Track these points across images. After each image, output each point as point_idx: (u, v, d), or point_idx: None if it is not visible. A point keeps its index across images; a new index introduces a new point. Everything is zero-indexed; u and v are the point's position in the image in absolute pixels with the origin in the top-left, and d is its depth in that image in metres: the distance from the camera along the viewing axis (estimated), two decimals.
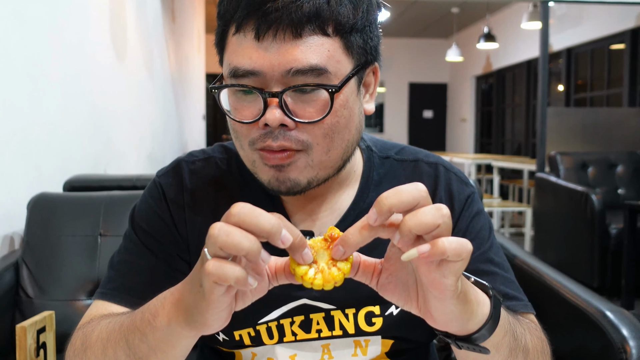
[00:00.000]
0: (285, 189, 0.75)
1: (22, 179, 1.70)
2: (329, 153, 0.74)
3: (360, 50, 0.74)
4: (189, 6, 6.00)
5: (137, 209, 0.91)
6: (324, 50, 0.69)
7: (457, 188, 0.89)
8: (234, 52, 0.71)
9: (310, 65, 0.68)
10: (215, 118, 11.56)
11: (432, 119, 11.78)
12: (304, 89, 0.70)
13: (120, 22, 2.89)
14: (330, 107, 0.70)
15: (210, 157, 0.91)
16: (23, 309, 1.43)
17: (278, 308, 0.83)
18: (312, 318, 0.84)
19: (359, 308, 0.84)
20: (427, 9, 8.98)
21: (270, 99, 0.69)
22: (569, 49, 7.15)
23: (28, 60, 1.75)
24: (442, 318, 0.60)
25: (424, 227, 0.54)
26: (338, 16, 0.69)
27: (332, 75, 0.70)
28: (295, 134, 0.71)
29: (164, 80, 4.18)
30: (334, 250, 0.58)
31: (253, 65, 0.69)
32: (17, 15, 1.68)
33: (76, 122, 2.19)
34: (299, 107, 0.70)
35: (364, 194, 0.86)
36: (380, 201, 0.54)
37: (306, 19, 0.68)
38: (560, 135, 4.81)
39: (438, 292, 0.57)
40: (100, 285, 0.87)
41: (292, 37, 0.68)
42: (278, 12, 0.67)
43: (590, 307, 1.07)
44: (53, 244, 1.48)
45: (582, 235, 3.78)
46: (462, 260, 0.55)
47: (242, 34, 0.70)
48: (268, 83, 0.70)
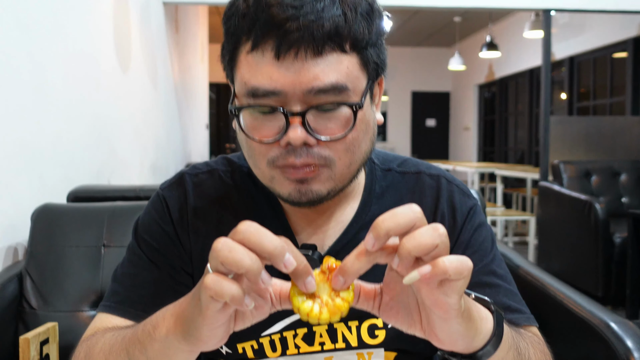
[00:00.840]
0: (306, 199, 0.75)
1: (26, 189, 1.71)
2: (350, 166, 0.75)
3: (374, 65, 0.75)
4: (193, 17, 6.03)
5: (141, 221, 0.91)
6: (343, 67, 0.70)
7: (460, 200, 0.89)
8: (251, 71, 0.71)
9: (332, 83, 0.69)
10: (219, 127, 11.59)
11: (435, 128, 11.78)
12: (326, 108, 0.70)
13: (124, 33, 2.91)
14: (354, 123, 0.71)
15: (214, 170, 0.91)
16: (26, 320, 1.43)
17: (281, 320, 0.83)
18: (315, 331, 0.84)
19: (361, 320, 0.84)
20: (430, 18, 9.00)
21: (292, 118, 0.69)
22: (571, 58, 7.16)
23: (32, 71, 1.76)
24: (447, 338, 0.60)
25: (423, 249, 0.54)
26: (355, 33, 0.70)
27: (351, 92, 0.71)
28: (318, 150, 0.72)
29: (167, 90, 4.20)
30: (334, 281, 0.58)
31: (274, 85, 0.69)
32: (23, 27, 1.69)
33: (80, 133, 2.20)
34: (320, 125, 0.71)
35: (366, 206, 0.87)
36: (377, 225, 0.54)
37: (327, 37, 0.68)
38: (564, 144, 4.80)
39: (442, 312, 0.57)
40: (104, 297, 0.87)
41: (313, 55, 0.68)
42: (300, 32, 0.67)
43: (594, 318, 1.06)
44: (57, 255, 1.48)
45: (586, 244, 3.76)
46: (463, 279, 0.55)
47: (260, 53, 0.70)
48: (288, 102, 0.70)
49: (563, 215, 4.05)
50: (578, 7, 4.26)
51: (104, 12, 2.57)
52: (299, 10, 0.67)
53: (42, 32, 1.85)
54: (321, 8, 0.67)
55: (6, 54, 1.59)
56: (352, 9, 0.70)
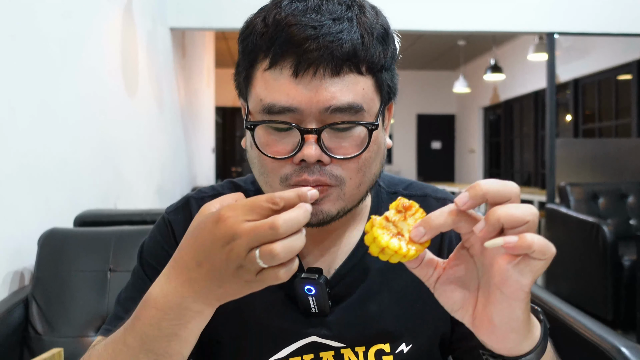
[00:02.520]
0: (316, 220, 0.75)
1: (33, 214, 1.72)
2: (360, 187, 0.76)
3: (387, 88, 0.76)
4: (199, 42, 6.10)
5: (146, 245, 0.90)
6: (359, 88, 0.71)
7: None
8: (268, 88, 0.71)
9: (349, 103, 0.70)
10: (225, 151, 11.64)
11: (441, 150, 11.79)
12: (341, 127, 0.71)
13: (131, 58, 2.94)
14: (368, 143, 0.72)
15: (219, 195, 0.89)
16: (32, 345, 1.43)
17: (287, 346, 0.82)
18: (321, 357, 0.83)
19: (369, 346, 0.83)
20: (434, 41, 9.07)
21: (308, 135, 0.70)
22: (576, 80, 7.18)
23: (40, 95, 1.78)
24: (503, 325, 0.59)
25: (513, 220, 0.54)
26: (371, 56, 0.71)
27: (367, 113, 0.72)
28: (330, 169, 0.72)
29: (173, 114, 4.23)
30: (415, 231, 0.58)
31: (291, 102, 0.69)
32: (32, 52, 1.72)
33: (86, 156, 2.21)
34: (334, 143, 0.71)
35: None
36: (476, 185, 0.56)
37: (345, 58, 0.69)
38: (570, 166, 4.79)
39: (511, 291, 0.57)
40: (106, 321, 0.87)
41: (331, 75, 0.69)
42: (320, 51, 0.68)
43: (605, 342, 1.05)
44: (63, 280, 1.48)
45: (594, 267, 3.73)
46: (544, 260, 0.55)
47: (278, 70, 0.70)
48: (304, 119, 0.70)
49: (571, 238, 4.03)
50: (581, 30, 4.28)
51: (111, 36, 2.61)
52: (318, 31, 0.68)
53: (51, 56, 1.87)
54: (340, 30, 0.69)
55: (15, 79, 1.61)
56: (369, 32, 0.71)
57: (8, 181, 1.56)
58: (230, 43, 8.79)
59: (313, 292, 0.79)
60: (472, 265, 0.62)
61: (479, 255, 0.61)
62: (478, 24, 4.21)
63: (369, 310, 0.83)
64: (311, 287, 0.79)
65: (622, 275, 3.63)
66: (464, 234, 0.60)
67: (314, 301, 0.80)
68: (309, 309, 0.81)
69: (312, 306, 0.81)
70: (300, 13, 0.69)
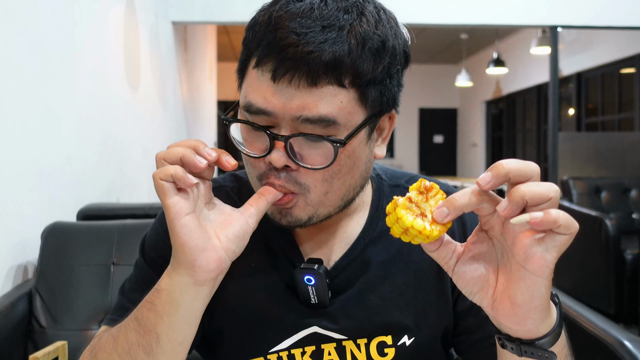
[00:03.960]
0: (286, 222, 0.76)
1: (36, 208, 1.72)
2: (327, 195, 0.74)
3: (376, 101, 0.73)
4: (201, 36, 6.09)
5: (147, 237, 0.91)
6: (336, 101, 0.69)
7: (469, 216, 0.88)
8: (251, 86, 0.72)
9: (320, 115, 0.68)
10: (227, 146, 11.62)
11: (443, 144, 11.78)
12: (311, 138, 0.70)
13: (133, 52, 2.94)
14: (333, 160, 0.70)
15: (222, 187, 0.91)
16: (36, 339, 1.43)
17: (289, 337, 0.83)
18: (323, 348, 0.83)
19: (370, 338, 0.83)
20: (437, 35, 9.05)
21: (277, 142, 0.70)
22: (579, 74, 7.16)
23: (43, 91, 1.78)
24: (526, 305, 0.59)
25: (537, 196, 0.55)
26: (357, 69, 0.69)
27: (342, 127, 0.70)
28: (296, 175, 0.72)
29: (176, 109, 4.23)
30: (438, 212, 0.59)
31: (266, 106, 0.70)
32: (35, 48, 1.72)
33: (90, 151, 2.21)
34: (304, 151, 0.71)
35: (374, 222, 0.86)
36: (498, 165, 0.56)
37: (323, 70, 0.67)
38: (573, 160, 4.79)
39: (536, 267, 0.57)
40: (110, 311, 0.88)
41: (307, 85, 0.68)
42: (296, 60, 0.66)
43: (608, 336, 1.05)
44: (66, 274, 1.48)
45: (597, 261, 3.73)
46: (569, 235, 0.56)
47: (261, 71, 0.70)
48: (279, 123, 0.70)
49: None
50: (585, 23, 4.27)
51: (114, 31, 2.61)
52: (300, 38, 0.66)
53: (53, 51, 1.87)
54: (324, 39, 0.67)
55: (18, 75, 1.61)
56: (360, 43, 0.68)
57: (11, 175, 1.56)
58: (232, 37, 8.77)
59: (313, 282, 0.80)
60: (491, 246, 0.62)
61: (498, 236, 0.61)
62: (481, 17, 4.19)
63: (370, 302, 0.83)
64: (311, 277, 0.79)
65: (624, 269, 3.63)
66: (484, 215, 0.60)
67: (313, 292, 0.80)
68: (309, 300, 0.81)
69: (312, 297, 0.81)
70: (291, 16, 0.68)
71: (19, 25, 1.63)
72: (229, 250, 0.68)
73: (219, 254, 0.67)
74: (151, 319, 0.70)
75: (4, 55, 1.53)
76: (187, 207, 0.66)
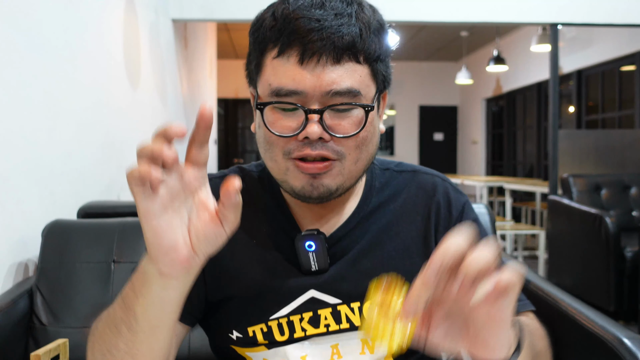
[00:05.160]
0: (317, 194, 0.83)
1: (37, 205, 1.72)
2: (357, 163, 0.84)
3: (382, 77, 0.85)
4: (201, 33, 6.09)
5: None
6: (357, 75, 0.80)
7: (454, 195, 0.99)
8: (276, 74, 0.80)
9: (348, 87, 0.79)
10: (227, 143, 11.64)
11: (443, 142, 11.78)
12: (341, 108, 0.80)
13: (134, 50, 2.94)
14: (365, 123, 0.81)
15: (225, 176, 0.97)
16: (37, 336, 1.43)
17: (288, 304, 0.90)
18: (320, 314, 0.90)
19: (363, 301, 0.90)
20: (437, 33, 9.04)
21: (311, 115, 0.79)
22: (579, 71, 7.15)
23: (43, 88, 1.78)
24: (496, 346, 0.63)
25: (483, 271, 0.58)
26: (368, 48, 0.80)
27: (363, 97, 0.81)
28: (332, 145, 0.81)
29: (176, 106, 4.23)
30: (404, 313, 0.60)
31: (296, 86, 0.78)
32: (35, 45, 1.72)
33: (90, 149, 2.22)
34: (335, 123, 0.80)
35: (367, 199, 0.95)
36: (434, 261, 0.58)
37: (345, 48, 0.78)
38: (573, 158, 4.79)
39: (498, 323, 0.60)
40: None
41: (333, 63, 0.78)
42: (322, 41, 0.77)
43: (607, 334, 1.05)
44: (67, 271, 1.49)
45: (597, 258, 3.73)
46: (518, 286, 0.58)
47: (285, 58, 0.79)
48: (308, 101, 0.79)
49: (573, 229, 4.03)
50: (585, 21, 4.26)
51: (114, 29, 2.61)
52: (321, 24, 0.77)
53: (54, 49, 1.87)
54: (341, 24, 0.78)
55: (18, 72, 1.61)
56: (367, 27, 0.80)
57: (12, 173, 1.57)
58: (232, 34, 8.77)
59: (313, 248, 0.88)
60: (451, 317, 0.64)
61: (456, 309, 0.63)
62: (481, 15, 4.19)
63: (362, 266, 0.91)
64: (312, 242, 0.88)
65: (624, 266, 3.64)
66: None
67: (314, 257, 0.88)
68: (309, 267, 0.89)
69: (312, 263, 0.89)
70: (306, 8, 0.78)
71: (20, 24, 1.63)
72: (199, 250, 0.66)
73: (185, 255, 0.66)
74: (130, 297, 0.72)
75: (4, 53, 1.54)
76: (155, 210, 0.63)
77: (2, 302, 1.39)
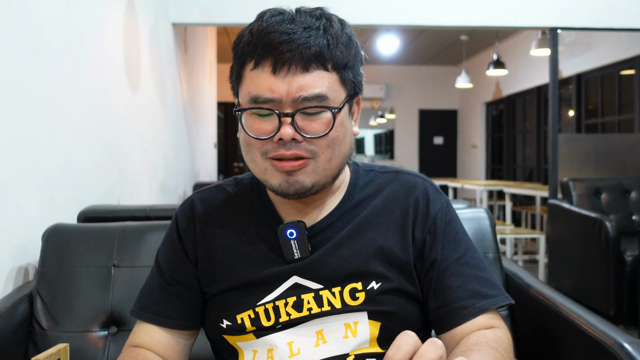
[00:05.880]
0: (293, 190, 0.92)
1: (37, 209, 1.72)
2: (331, 162, 0.93)
3: (351, 84, 0.94)
4: (201, 37, 6.10)
5: (160, 248, 1.11)
6: (324, 82, 0.89)
7: (434, 195, 1.04)
8: (253, 83, 0.90)
9: (315, 93, 0.88)
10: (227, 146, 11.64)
11: (443, 145, 11.78)
12: (311, 111, 0.89)
13: (134, 54, 2.94)
14: (333, 124, 0.90)
15: (220, 185, 1.10)
16: (37, 341, 1.43)
17: (273, 291, 0.98)
18: (303, 298, 0.97)
19: (343, 285, 0.97)
20: (436, 37, 9.05)
21: (284, 119, 0.88)
22: (578, 75, 7.16)
23: (44, 93, 1.78)
24: None
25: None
26: (335, 57, 0.90)
27: (332, 101, 0.90)
28: (305, 145, 0.90)
29: (176, 110, 4.23)
30: None
31: (272, 94, 0.88)
32: (35, 49, 1.72)
33: (90, 153, 2.22)
34: (306, 125, 0.89)
35: (351, 195, 1.04)
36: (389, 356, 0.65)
37: (313, 57, 0.88)
38: (573, 162, 4.79)
39: None
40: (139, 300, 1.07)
41: (302, 71, 0.88)
42: (292, 52, 0.87)
43: (607, 338, 1.05)
44: (67, 275, 1.48)
45: (596, 262, 3.73)
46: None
47: (260, 69, 0.89)
48: (282, 107, 0.88)
49: (573, 233, 4.03)
50: (585, 25, 4.27)
51: (114, 32, 2.61)
52: (291, 37, 0.87)
53: (54, 53, 1.87)
54: (309, 36, 0.88)
55: (18, 76, 1.62)
56: (334, 38, 0.90)
57: (13, 177, 1.57)
58: (232, 38, 8.78)
59: (294, 236, 0.96)
60: None
61: None
62: (480, 19, 4.20)
63: (342, 253, 0.98)
64: (292, 230, 0.96)
65: (624, 270, 3.63)
66: None
67: (296, 245, 0.97)
68: (292, 256, 0.97)
69: (294, 252, 0.97)
70: (278, 24, 0.88)
71: (20, 27, 1.63)
72: None
73: None
74: None
75: (4, 56, 1.54)
76: None
77: (2, 306, 1.39)
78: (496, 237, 1.54)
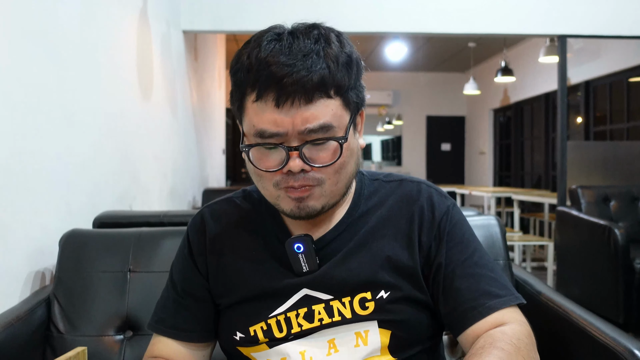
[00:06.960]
0: (304, 214, 0.93)
1: (54, 215, 1.75)
2: (338, 185, 0.94)
3: (354, 104, 0.93)
4: (211, 44, 6.14)
5: (173, 262, 1.13)
6: (329, 110, 0.88)
7: (438, 199, 1.05)
8: (257, 116, 0.88)
9: (320, 124, 0.88)
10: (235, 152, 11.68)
11: (450, 152, 11.77)
12: (318, 142, 0.89)
13: (146, 62, 2.98)
14: (340, 154, 0.90)
15: (230, 199, 1.12)
16: (54, 344, 1.45)
17: (284, 303, 0.99)
18: (314, 309, 0.98)
19: (353, 296, 0.98)
20: (444, 43, 9.07)
21: (292, 152, 0.88)
22: (587, 82, 7.15)
23: (60, 101, 1.82)
24: None
25: None
26: (338, 81, 0.88)
27: (337, 128, 0.89)
28: (312, 174, 0.90)
29: (186, 117, 4.27)
30: None
31: (277, 129, 0.87)
32: (52, 59, 1.76)
33: (105, 160, 2.25)
34: (313, 155, 0.90)
35: (357, 205, 1.05)
36: None
37: (315, 88, 0.86)
38: (581, 169, 4.78)
39: None
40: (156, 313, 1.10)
41: (305, 102, 0.86)
42: (294, 85, 0.85)
43: (618, 345, 1.06)
44: (84, 280, 1.51)
45: (605, 269, 3.72)
46: None
47: (263, 102, 0.87)
48: (288, 139, 0.88)
49: (582, 241, 4.02)
50: (593, 32, 4.28)
51: (128, 43, 2.65)
52: (292, 68, 0.85)
53: (70, 62, 1.91)
54: (310, 65, 0.85)
55: (36, 85, 1.65)
56: (334, 61, 0.88)
57: (30, 183, 1.60)
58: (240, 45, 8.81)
59: (302, 250, 0.97)
60: None
61: None
62: (489, 26, 4.21)
63: (350, 265, 0.99)
64: (300, 244, 0.97)
65: (633, 278, 3.62)
66: None
67: (304, 259, 0.98)
68: (301, 269, 0.98)
69: (303, 265, 0.98)
70: (277, 53, 0.86)
71: (39, 38, 1.66)
72: None
73: None
74: None
75: (23, 67, 1.57)
76: None
77: (20, 310, 1.42)
78: (507, 244, 1.55)
